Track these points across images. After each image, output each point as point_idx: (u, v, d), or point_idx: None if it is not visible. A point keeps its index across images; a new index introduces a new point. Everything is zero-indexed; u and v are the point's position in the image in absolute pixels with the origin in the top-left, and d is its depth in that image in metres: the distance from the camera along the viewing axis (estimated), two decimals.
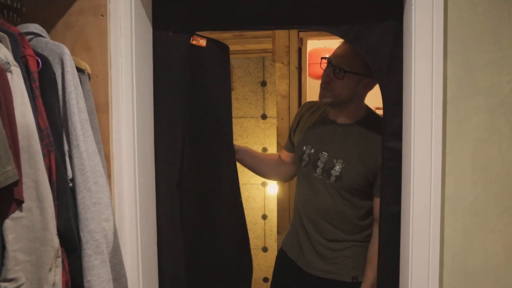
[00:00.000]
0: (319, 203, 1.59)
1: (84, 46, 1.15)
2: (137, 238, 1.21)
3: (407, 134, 1.16)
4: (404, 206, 1.18)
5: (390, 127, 1.24)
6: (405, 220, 1.17)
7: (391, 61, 1.21)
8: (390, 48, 1.21)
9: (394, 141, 1.23)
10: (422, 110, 1.07)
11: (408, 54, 1.14)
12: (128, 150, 1.19)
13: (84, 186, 0.98)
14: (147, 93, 1.29)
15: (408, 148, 1.16)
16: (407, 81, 1.16)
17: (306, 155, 1.63)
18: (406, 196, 1.15)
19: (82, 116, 1.01)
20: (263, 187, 3.86)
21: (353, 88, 1.53)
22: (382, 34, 1.21)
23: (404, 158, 1.20)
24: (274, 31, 2.18)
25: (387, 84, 1.22)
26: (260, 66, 3.70)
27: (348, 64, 1.50)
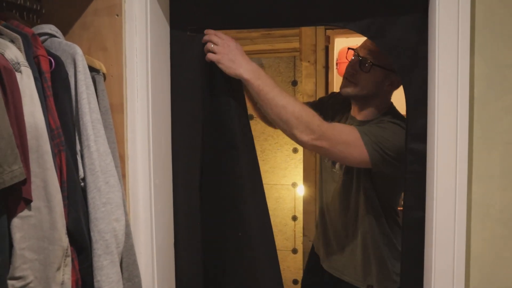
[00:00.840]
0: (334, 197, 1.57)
1: (99, 46, 1.16)
2: (152, 238, 1.21)
3: (431, 136, 1.09)
4: (428, 212, 1.11)
5: (413, 128, 1.17)
6: (428, 228, 1.10)
7: (415, 58, 1.15)
8: (414, 44, 1.14)
9: (417, 143, 1.17)
10: (446, 110, 1.00)
11: (432, 51, 1.07)
12: (143, 150, 1.19)
13: (94, 186, 0.98)
14: (164, 93, 1.28)
15: (431, 151, 1.09)
16: (431, 79, 1.09)
17: None
18: (430, 202, 1.09)
19: (93, 116, 1.01)
20: (293, 188, 3.81)
21: (378, 83, 1.46)
22: (405, 29, 1.14)
23: (429, 162, 1.13)
24: (301, 30, 2.14)
25: (411, 82, 1.16)
26: (291, 65, 3.65)
27: (375, 57, 1.43)
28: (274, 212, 3.86)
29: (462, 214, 1.00)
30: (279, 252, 3.84)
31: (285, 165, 3.84)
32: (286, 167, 3.84)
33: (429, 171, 1.12)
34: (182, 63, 1.34)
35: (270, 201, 3.86)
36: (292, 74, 3.68)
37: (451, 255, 1.02)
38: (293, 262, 3.83)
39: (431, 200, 1.06)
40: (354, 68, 1.47)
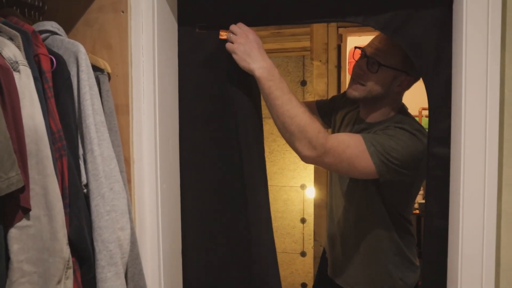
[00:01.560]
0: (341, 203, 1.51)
1: (104, 44, 1.10)
2: (159, 247, 1.15)
3: (457, 140, 1.02)
4: (453, 221, 1.05)
5: (436, 131, 1.10)
6: (453, 238, 1.03)
7: (438, 56, 1.08)
8: (437, 41, 1.07)
9: (440, 147, 1.10)
10: (474, 113, 0.93)
11: (458, 48, 1.00)
12: (149, 153, 1.13)
13: (98, 193, 0.92)
14: (171, 93, 1.22)
15: (457, 156, 1.02)
16: (456, 78, 1.02)
17: None
18: (455, 210, 1.02)
19: (97, 118, 0.95)
20: (302, 189, 3.75)
21: (387, 84, 1.36)
22: (428, 25, 1.07)
23: (453, 167, 1.06)
24: (312, 28, 2.07)
25: (433, 82, 1.09)
26: (300, 65, 3.58)
27: (384, 56, 1.33)
28: (282, 214, 3.80)
29: (492, 224, 0.93)
30: (288, 255, 3.78)
31: (293, 166, 3.78)
32: (295, 168, 3.77)
33: (453, 177, 1.05)
34: (191, 62, 1.28)
35: (278, 203, 3.80)
36: (301, 74, 3.61)
37: (479, 267, 0.95)
38: (302, 265, 3.77)
39: (456, 208, 0.99)
40: (361, 69, 1.36)
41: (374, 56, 1.34)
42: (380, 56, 1.33)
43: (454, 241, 1.02)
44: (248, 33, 1.18)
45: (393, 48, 1.31)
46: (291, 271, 3.82)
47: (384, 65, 1.32)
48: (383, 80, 1.35)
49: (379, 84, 1.35)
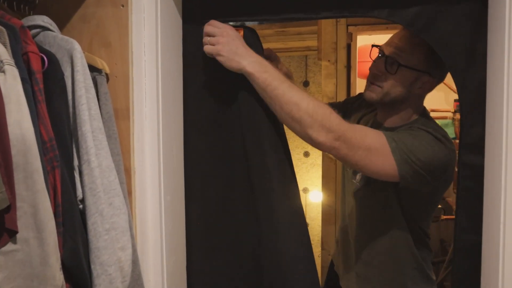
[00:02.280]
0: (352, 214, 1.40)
1: (102, 42, 0.99)
2: (163, 264, 1.05)
3: (495, 147, 0.93)
4: (488, 237, 0.95)
5: (468, 138, 1.01)
6: (490, 256, 0.93)
7: (470, 55, 0.98)
8: (469, 38, 0.98)
9: (473, 155, 1.00)
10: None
11: (495, 45, 0.90)
12: (152, 162, 1.02)
13: (96, 209, 0.82)
14: (176, 96, 1.12)
15: (492, 165, 0.92)
16: (494, 79, 0.92)
17: None
18: (492, 225, 0.92)
19: (94, 124, 0.84)
20: (305, 193, 3.64)
21: (407, 86, 1.24)
22: (459, 21, 0.98)
23: (489, 177, 0.96)
24: (320, 26, 1.97)
25: (466, 84, 0.99)
26: (302, 65, 3.49)
27: (404, 55, 1.22)
28: None
29: None
30: None
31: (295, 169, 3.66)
32: (297, 171, 3.65)
33: (488, 189, 0.95)
34: (196, 62, 1.18)
35: None
36: (303, 74, 3.51)
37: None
38: None
39: (494, 224, 0.89)
40: (379, 69, 1.26)
41: (393, 55, 1.23)
42: (400, 55, 1.22)
43: (492, 259, 0.92)
44: (227, 30, 1.07)
45: (415, 47, 1.21)
46: None
47: (404, 66, 1.22)
48: (403, 82, 1.24)
49: (399, 86, 1.24)
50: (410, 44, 1.22)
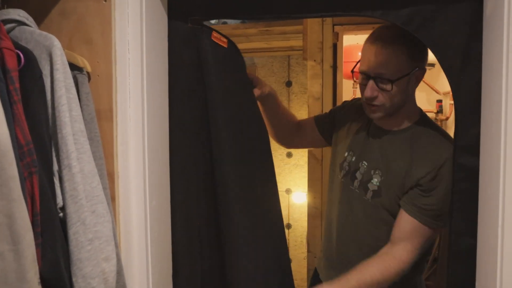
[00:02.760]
0: (353, 224, 1.33)
1: (83, 39, 0.93)
2: (148, 274, 0.99)
3: (488, 148, 0.91)
4: (484, 240, 0.93)
5: (463, 139, 0.99)
6: (486, 260, 0.91)
7: (466, 55, 0.96)
8: (465, 38, 0.96)
9: (468, 157, 0.98)
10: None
11: (491, 45, 0.88)
12: (136, 166, 0.97)
13: (78, 218, 0.76)
14: (161, 97, 1.07)
15: (489, 166, 0.91)
16: (488, 80, 0.90)
17: (347, 163, 1.37)
18: (488, 227, 0.90)
19: (76, 126, 0.79)
20: (287, 194, 3.62)
21: (404, 90, 1.23)
22: (456, 21, 0.96)
23: (483, 179, 0.94)
24: (306, 26, 1.94)
25: (461, 85, 0.97)
26: (285, 65, 3.46)
27: (391, 69, 1.18)
28: None
29: None
30: None
31: (278, 170, 3.64)
32: (280, 172, 3.63)
33: (484, 191, 0.93)
34: (182, 61, 1.13)
35: None
36: (286, 75, 3.48)
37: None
38: None
39: (492, 226, 0.87)
40: (373, 91, 1.21)
41: (381, 75, 1.19)
42: (387, 71, 1.19)
43: (488, 263, 0.90)
44: None
45: (394, 54, 1.18)
46: None
47: (396, 79, 1.19)
48: (400, 90, 1.21)
49: (398, 95, 1.22)
50: (388, 54, 1.18)
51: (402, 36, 1.17)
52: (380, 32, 1.23)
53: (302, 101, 3.47)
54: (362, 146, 1.35)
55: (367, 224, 1.30)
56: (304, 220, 3.60)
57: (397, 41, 1.17)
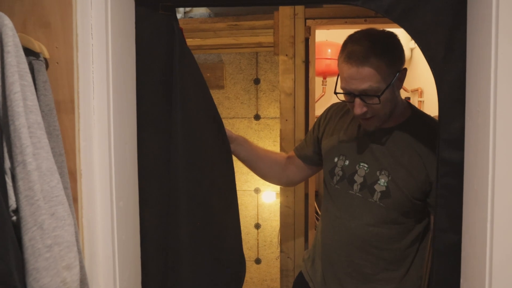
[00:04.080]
0: (358, 228, 1.26)
1: (40, 21, 0.84)
2: (115, 281, 0.91)
3: (473, 142, 0.88)
4: (470, 236, 0.90)
5: (447, 133, 0.96)
6: (472, 256, 0.88)
7: (450, 45, 0.93)
8: (449, 28, 0.93)
9: (452, 151, 0.95)
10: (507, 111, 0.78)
11: (477, 35, 0.86)
12: (101, 163, 0.88)
13: (34, 222, 0.67)
14: (129, 88, 0.98)
15: (474, 161, 0.88)
16: (474, 71, 0.88)
17: (339, 168, 1.32)
18: (475, 224, 0.87)
19: (31, 118, 0.69)
20: (256, 194, 3.56)
21: (393, 95, 1.21)
22: (439, 10, 0.92)
23: (468, 173, 0.91)
24: (277, 20, 1.89)
25: (444, 75, 0.94)
26: (253, 62, 3.40)
27: (377, 85, 1.15)
28: None
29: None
30: None
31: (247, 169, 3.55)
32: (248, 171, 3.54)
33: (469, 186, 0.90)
34: (151, 50, 1.05)
35: None
36: (254, 72, 3.43)
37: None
38: (257, 273, 3.58)
39: (481, 222, 0.84)
40: (362, 108, 1.19)
41: (365, 93, 1.16)
42: (371, 88, 1.15)
43: (475, 260, 0.87)
44: None
45: (373, 69, 1.14)
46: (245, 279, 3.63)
47: (382, 93, 1.15)
48: (388, 98, 1.19)
49: (388, 102, 1.20)
50: (369, 72, 1.15)
51: (375, 46, 1.14)
52: (352, 49, 1.17)
53: (270, 99, 3.43)
54: (356, 149, 1.30)
55: (376, 227, 1.24)
56: (273, 220, 3.57)
57: (372, 55, 1.13)
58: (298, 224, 1.95)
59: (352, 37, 1.21)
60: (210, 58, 3.45)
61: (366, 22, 1.81)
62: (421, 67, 2.78)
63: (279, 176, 1.53)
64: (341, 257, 1.29)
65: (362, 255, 1.26)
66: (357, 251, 1.26)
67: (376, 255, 1.25)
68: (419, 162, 1.20)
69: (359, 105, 1.18)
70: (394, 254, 1.26)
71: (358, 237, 1.26)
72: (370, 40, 1.15)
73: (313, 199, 2.01)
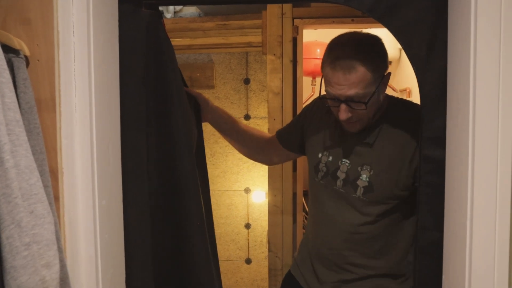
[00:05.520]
0: (344, 223, 1.28)
1: (20, 18, 0.83)
2: (98, 281, 0.90)
3: (454, 140, 0.89)
4: (450, 233, 0.91)
5: (429, 131, 0.97)
6: (453, 253, 0.89)
7: (431, 44, 0.94)
8: (431, 26, 0.94)
9: (435, 149, 0.96)
10: (487, 108, 0.79)
11: (457, 33, 0.86)
12: (83, 162, 0.87)
13: (12, 220, 0.66)
14: (112, 86, 0.97)
15: (455, 159, 0.89)
16: (454, 70, 0.88)
17: (323, 164, 1.32)
18: (455, 221, 0.88)
19: (9, 115, 0.69)
20: (246, 193, 3.56)
21: (378, 99, 1.22)
22: (421, 8, 0.93)
23: (449, 171, 0.92)
24: (265, 19, 1.90)
25: (426, 74, 0.95)
26: (243, 62, 3.40)
27: (363, 92, 1.15)
28: (226, 220, 3.59)
29: (505, 240, 0.80)
30: (232, 263, 3.58)
31: (237, 169, 3.58)
32: (239, 171, 3.57)
33: (450, 183, 0.91)
34: (134, 48, 1.05)
35: (221, 209, 3.58)
36: (244, 72, 3.43)
37: None
38: (247, 273, 3.58)
39: (461, 220, 0.85)
40: (347, 113, 1.18)
41: (353, 99, 1.16)
42: (357, 95, 1.15)
43: (455, 257, 0.88)
44: None
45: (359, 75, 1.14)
46: (235, 279, 3.62)
47: (369, 99, 1.16)
48: (373, 102, 1.19)
49: (373, 106, 1.21)
50: (355, 79, 1.14)
51: (361, 53, 1.13)
52: (338, 55, 1.15)
53: (260, 99, 3.43)
54: (337, 145, 1.31)
55: (362, 221, 1.25)
56: (264, 220, 3.57)
57: (359, 61, 1.13)
58: (286, 224, 1.96)
59: (337, 42, 1.20)
60: (200, 58, 3.44)
61: (354, 22, 1.82)
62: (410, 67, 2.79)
63: (256, 153, 1.56)
64: (331, 251, 1.31)
65: (351, 246, 1.27)
66: (345, 244, 1.28)
67: (365, 246, 1.27)
68: (402, 151, 1.21)
69: (345, 110, 1.17)
70: (384, 244, 1.27)
71: (345, 231, 1.27)
72: (356, 46, 1.15)
73: (301, 198, 2.02)
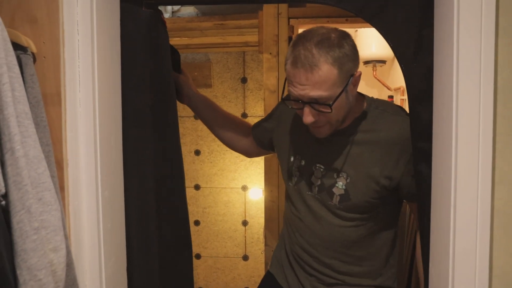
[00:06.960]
0: (322, 230, 1.22)
1: (27, 17, 0.87)
2: (101, 267, 0.94)
3: (439, 134, 0.94)
4: (438, 221, 0.96)
5: (418, 125, 1.01)
6: (439, 239, 0.94)
7: (418, 42, 0.99)
8: (417, 26, 0.98)
9: (424, 142, 1.01)
10: (468, 104, 0.84)
11: (442, 32, 0.91)
12: (87, 153, 0.92)
13: (22, 206, 0.71)
14: (114, 82, 1.02)
15: (440, 151, 0.93)
16: (439, 67, 0.93)
17: (295, 168, 1.26)
18: (443, 209, 0.93)
19: (19, 108, 0.73)
20: (244, 191, 3.61)
21: (347, 100, 1.12)
22: (409, 8, 0.98)
23: (434, 162, 0.97)
24: (261, 19, 1.94)
25: (414, 72, 1.00)
26: (240, 61, 3.45)
27: (328, 93, 1.05)
28: (223, 217, 3.63)
29: (485, 225, 0.85)
30: (230, 259, 3.63)
31: (234, 167, 3.62)
32: (236, 169, 3.62)
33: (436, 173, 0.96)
34: (135, 45, 1.09)
35: (219, 206, 3.63)
36: (241, 71, 3.47)
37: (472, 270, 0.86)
38: (245, 270, 3.63)
39: (446, 207, 0.90)
40: (313, 116, 1.09)
41: (317, 101, 1.06)
42: (321, 97, 1.05)
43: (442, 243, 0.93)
44: None
45: (323, 74, 1.03)
46: (233, 276, 3.67)
47: (335, 101, 1.06)
48: (341, 104, 1.10)
49: (342, 108, 1.11)
50: (318, 78, 1.04)
51: (326, 50, 1.03)
52: (300, 52, 1.05)
53: (257, 98, 3.47)
54: (311, 149, 1.24)
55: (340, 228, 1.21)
56: (261, 217, 3.61)
57: (322, 60, 1.02)
58: (282, 219, 2.00)
59: (301, 37, 1.08)
60: (197, 57, 3.49)
61: (348, 21, 1.87)
62: None
63: (236, 144, 1.52)
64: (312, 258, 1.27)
65: (331, 254, 1.24)
66: (325, 251, 1.24)
67: (346, 254, 1.23)
68: (378, 157, 1.15)
69: (309, 113, 1.08)
70: (366, 251, 1.24)
71: (323, 239, 1.23)
72: (320, 42, 1.03)
73: None
